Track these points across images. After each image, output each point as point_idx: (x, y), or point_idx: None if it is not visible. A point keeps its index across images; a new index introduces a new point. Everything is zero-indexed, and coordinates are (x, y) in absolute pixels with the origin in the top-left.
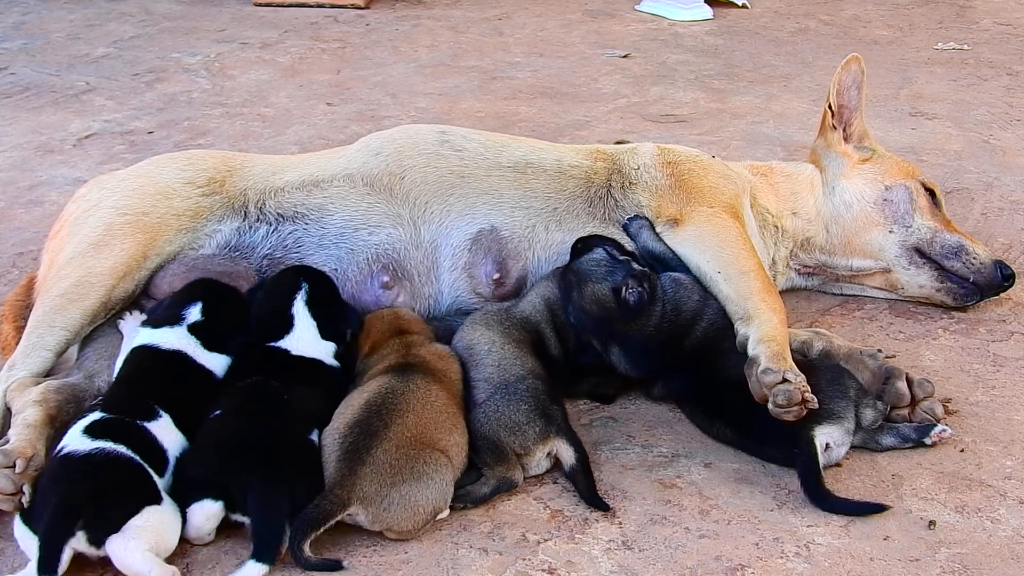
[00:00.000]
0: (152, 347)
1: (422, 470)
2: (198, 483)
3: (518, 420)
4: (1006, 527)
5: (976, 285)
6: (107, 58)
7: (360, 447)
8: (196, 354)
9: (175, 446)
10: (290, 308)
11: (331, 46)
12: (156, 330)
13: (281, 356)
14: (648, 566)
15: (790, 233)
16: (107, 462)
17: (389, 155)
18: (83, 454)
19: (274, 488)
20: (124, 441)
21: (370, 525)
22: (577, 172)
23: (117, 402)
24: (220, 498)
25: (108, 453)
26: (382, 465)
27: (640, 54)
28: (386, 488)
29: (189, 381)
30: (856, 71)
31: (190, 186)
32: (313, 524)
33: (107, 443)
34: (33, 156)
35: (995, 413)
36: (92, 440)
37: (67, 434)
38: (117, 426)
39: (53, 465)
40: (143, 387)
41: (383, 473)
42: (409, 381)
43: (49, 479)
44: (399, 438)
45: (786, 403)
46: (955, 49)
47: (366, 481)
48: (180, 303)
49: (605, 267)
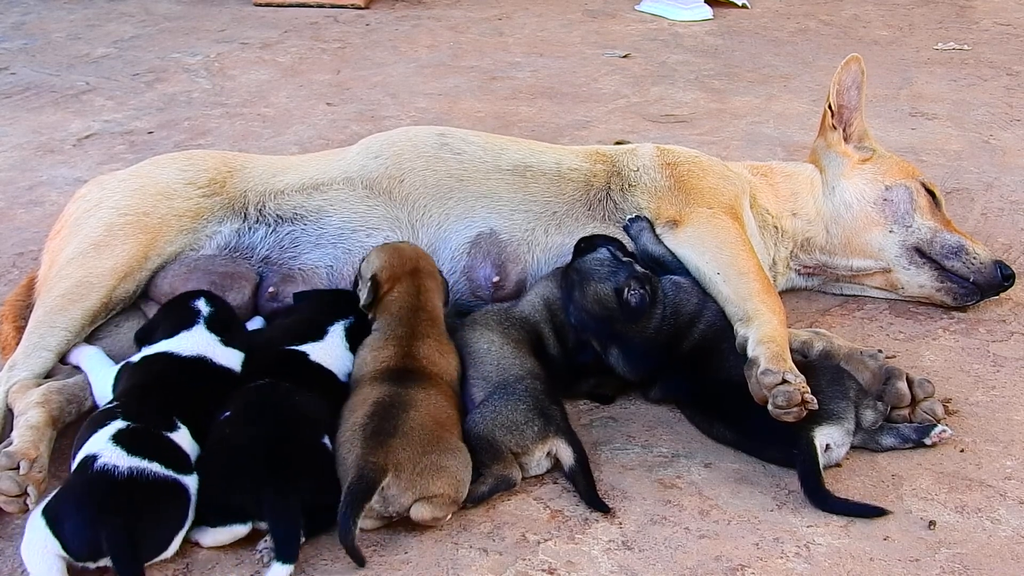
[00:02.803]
0: (170, 354)
1: (448, 444)
2: (223, 509)
3: (516, 420)
4: (1006, 527)
5: (976, 285)
6: (107, 58)
7: (385, 427)
8: (215, 355)
9: (194, 453)
10: (331, 324)
11: (331, 46)
12: (172, 338)
13: (299, 359)
14: (648, 566)
15: (790, 233)
16: (149, 486)
17: (388, 158)
18: (124, 474)
19: (286, 491)
20: (157, 457)
21: (402, 496)
22: (576, 175)
23: (136, 410)
24: (247, 520)
25: (147, 474)
26: (411, 435)
27: (640, 54)
28: (418, 455)
29: (208, 388)
30: (856, 71)
31: (191, 187)
32: (361, 497)
33: (144, 462)
34: (33, 156)
35: (995, 413)
36: (128, 455)
37: (92, 441)
38: (146, 437)
39: (91, 478)
40: (162, 397)
41: (414, 442)
42: (408, 387)
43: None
44: (420, 418)
45: (786, 404)
46: (955, 49)
47: (398, 450)
48: (183, 305)
49: (608, 267)
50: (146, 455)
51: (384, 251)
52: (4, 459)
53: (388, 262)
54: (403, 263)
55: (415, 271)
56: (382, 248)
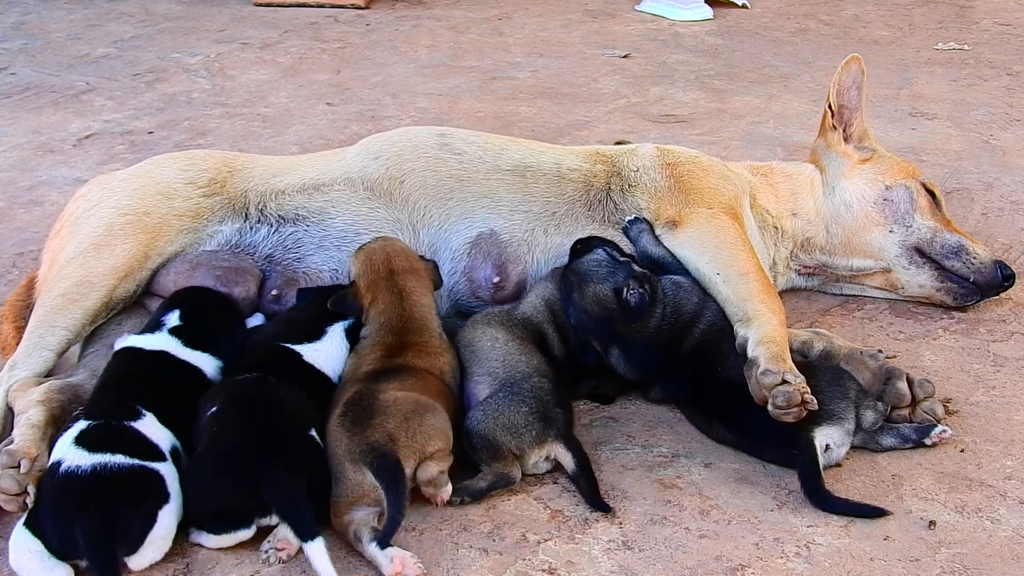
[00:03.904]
0: (135, 348)
1: (423, 404)
2: (224, 517)
3: (516, 422)
4: (1006, 527)
5: (976, 285)
6: (107, 58)
7: (361, 415)
8: (177, 351)
9: (165, 441)
10: (330, 324)
11: (331, 46)
12: (140, 336)
13: (292, 358)
14: (648, 566)
15: (790, 234)
16: (114, 477)
17: (389, 159)
18: (88, 472)
19: (284, 476)
20: (120, 448)
21: (405, 461)
22: (576, 175)
23: (100, 407)
24: (251, 523)
25: (111, 467)
26: (390, 407)
27: (640, 54)
28: (403, 420)
29: (172, 377)
30: (856, 71)
31: (191, 186)
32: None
33: (107, 455)
34: (33, 156)
35: (995, 413)
36: (89, 453)
37: (57, 447)
38: (107, 432)
39: (57, 483)
40: (124, 389)
41: (396, 411)
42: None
43: (58, 498)
44: (390, 397)
45: (785, 404)
46: (955, 49)
47: (384, 425)
48: (159, 312)
49: (606, 267)
50: (108, 449)
51: (357, 258)
52: (5, 457)
53: (362, 269)
54: (375, 269)
55: (391, 273)
56: (356, 254)
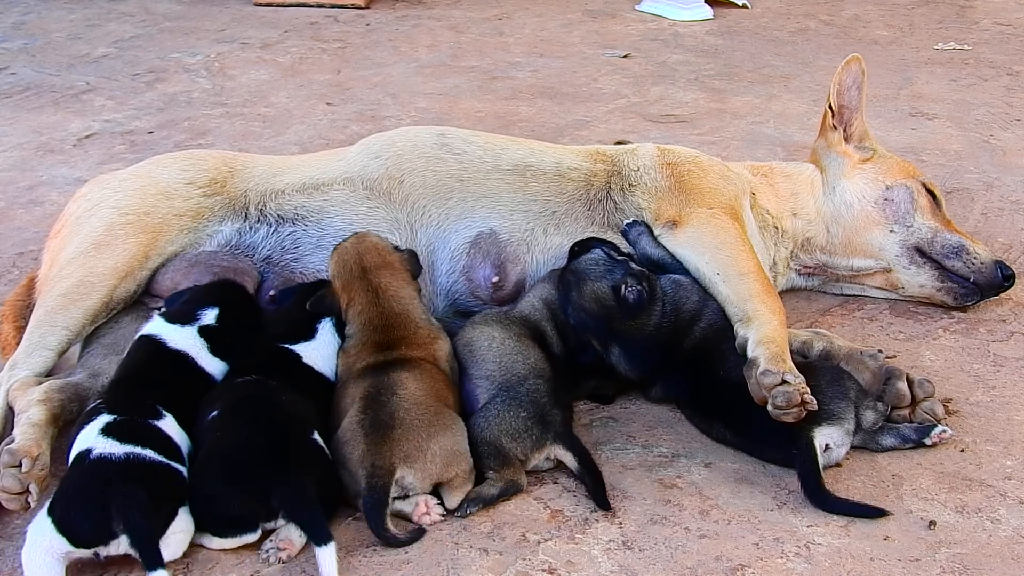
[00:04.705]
0: (158, 340)
1: (447, 422)
2: (230, 521)
3: (517, 427)
4: (1006, 527)
5: (976, 285)
6: (107, 58)
7: (382, 418)
8: (200, 357)
9: (184, 444)
10: (320, 320)
11: (331, 46)
12: (169, 325)
13: (291, 359)
14: (648, 566)
15: (790, 234)
16: (146, 469)
17: (388, 158)
18: (122, 458)
19: (294, 480)
20: (149, 444)
21: (421, 484)
22: (576, 175)
23: (122, 403)
24: (256, 528)
25: (143, 459)
26: (411, 423)
27: (640, 54)
28: (424, 442)
29: (189, 383)
30: (856, 71)
31: (191, 186)
32: (379, 505)
33: (137, 448)
34: (33, 156)
35: (995, 413)
36: (120, 443)
37: (81, 437)
38: (134, 427)
39: (88, 468)
40: (144, 387)
41: (415, 429)
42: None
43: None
44: (413, 398)
45: (785, 404)
46: (955, 49)
47: (402, 442)
48: (198, 301)
49: (604, 266)
50: (138, 443)
51: (332, 258)
52: (6, 457)
53: (336, 270)
54: (348, 268)
55: (363, 271)
56: (332, 254)
